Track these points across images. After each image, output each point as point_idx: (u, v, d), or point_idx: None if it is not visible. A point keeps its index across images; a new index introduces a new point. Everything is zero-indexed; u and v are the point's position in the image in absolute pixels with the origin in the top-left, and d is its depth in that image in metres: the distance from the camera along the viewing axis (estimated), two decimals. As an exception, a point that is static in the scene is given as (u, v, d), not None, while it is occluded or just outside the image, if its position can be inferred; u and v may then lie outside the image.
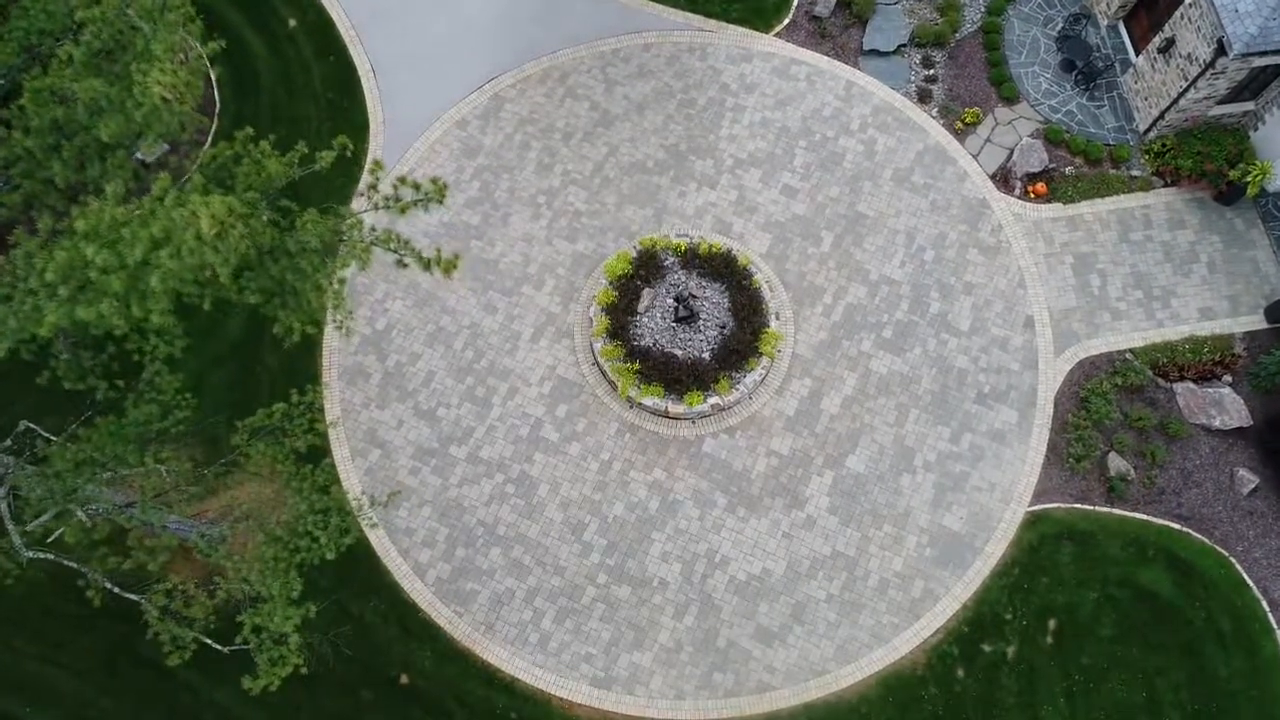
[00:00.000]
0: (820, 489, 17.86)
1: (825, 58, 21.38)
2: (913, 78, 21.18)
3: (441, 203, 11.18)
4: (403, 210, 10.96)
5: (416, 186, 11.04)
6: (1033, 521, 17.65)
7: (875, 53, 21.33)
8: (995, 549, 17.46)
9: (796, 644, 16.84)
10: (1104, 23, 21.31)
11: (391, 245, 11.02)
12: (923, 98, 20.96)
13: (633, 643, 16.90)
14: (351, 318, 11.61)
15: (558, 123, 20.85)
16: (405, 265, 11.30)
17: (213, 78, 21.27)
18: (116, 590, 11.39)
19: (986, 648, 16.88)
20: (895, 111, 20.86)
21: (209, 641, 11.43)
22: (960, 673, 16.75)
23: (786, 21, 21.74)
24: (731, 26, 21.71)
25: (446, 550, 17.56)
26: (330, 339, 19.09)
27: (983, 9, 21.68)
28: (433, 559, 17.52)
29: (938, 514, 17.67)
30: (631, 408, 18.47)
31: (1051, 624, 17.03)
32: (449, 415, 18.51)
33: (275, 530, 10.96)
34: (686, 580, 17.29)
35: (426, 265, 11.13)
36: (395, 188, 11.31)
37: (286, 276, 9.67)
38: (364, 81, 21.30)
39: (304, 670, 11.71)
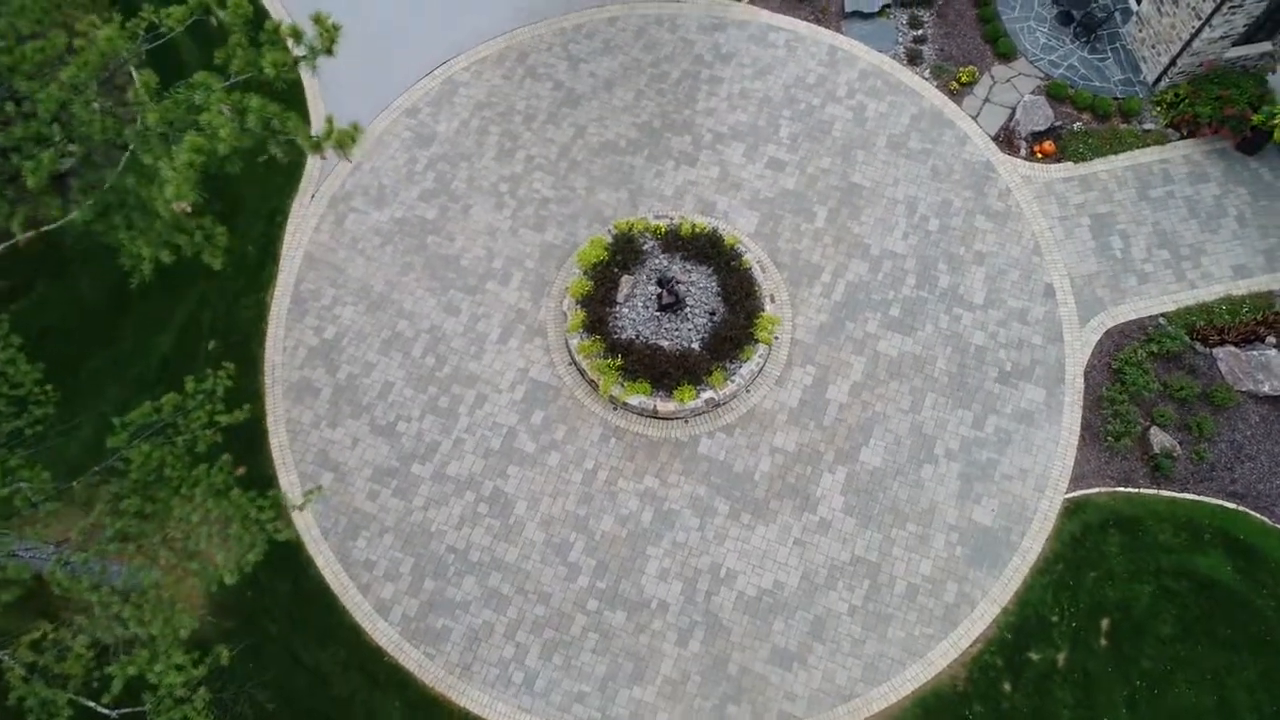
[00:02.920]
0: (833, 487, 15.86)
1: (804, 23, 19.73)
2: (900, 39, 19.55)
3: (331, 52, 8.85)
4: (275, 71, 8.54)
5: (297, 34, 8.65)
6: (1073, 510, 15.71)
7: (858, 15, 19.71)
8: (1034, 543, 15.48)
9: (819, 665, 14.72)
10: (1099, -28, 19.82)
11: (264, 117, 8.54)
12: (913, 59, 19.32)
13: (632, 675, 14.71)
14: (190, 207, 8.73)
15: (518, 105, 19.00)
16: (281, 157, 8.94)
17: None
18: (-29, 646, 9.13)
19: (1034, 656, 14.84)
20: (884, 75, 19.19)
21: (90, 704, 9.15)
22: (1007, 686, 14.68)
23: (760, -13, 20.11)
24: (701, -5, 20.05)
25: (413, 583, 15.35)
26: (271, 353, 16.97)
27: (969, -36, 20.14)
28: (397, 594, 15.29)
29: (966, 508, 15.70)
30: (616, 409, 16.44)
31: (1104, 624, 15.03)
32: (410, 430, 16.38)
33: (157, 548, 8.74)
34: (689, 600, 15.16)
35: (315, 145, 8.82)
36: (265, 41, 8.76)
37: (126, 183, 7.55)
38: (302, 74, 19.32)
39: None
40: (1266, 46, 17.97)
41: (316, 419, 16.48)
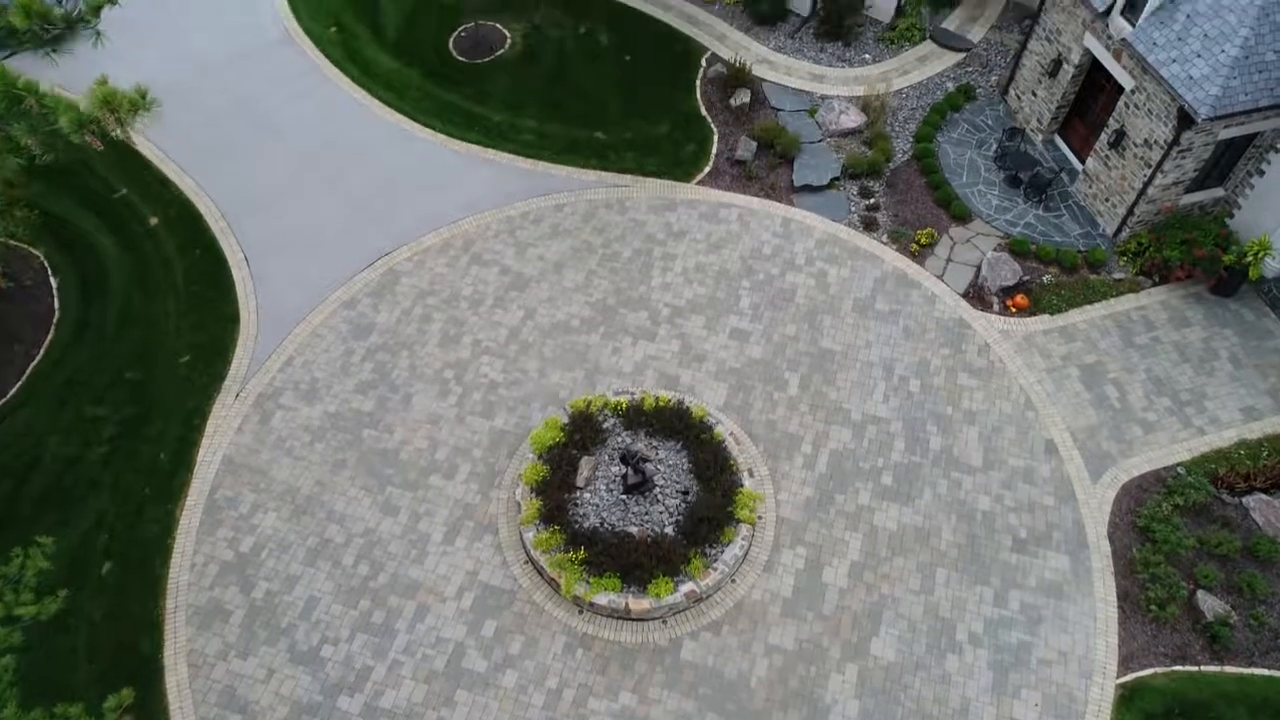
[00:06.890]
0: (844, 690, 13.30)
1: (755, 199, 19.46)
2: (853, 209, 19.28)
3: (97, 16, 7.08)
4: (25, 19, 6.65)
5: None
6: (1128, 697, 13.25)
7: (808, 188, 19.53)
8: (1091, 743, 12.89)
9: None
10: (1038, 139, 20.14)
11: (9, 94, 6.47)
12: (868, 226, 18.93)
13: None
14: None
15: (463, 291, 17.99)
16: (41, 156, 6.93)
17: (52, 285, 18.10)
18: None
19: None
20: (841, 242, 18.68)
21: None
22: None
23: (708, 169, 20.01)
24: (650, 179, 19.85)
25: None
26: (177, 573, 14.52)
27: (911, 139, 20.41)
28: None
29: (1004, 704, 13.17)
30: (581, 612, 14.04)
31: (1198, 843, 12.18)
32: (337, 654, 13.72)
33: None
34: None
35: (80, 124, 6.76)
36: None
37: None
38: (235, 271, 18.33)
39: None
40: (1219, 191, 17.87)
41: (225, 648, 13.78)
